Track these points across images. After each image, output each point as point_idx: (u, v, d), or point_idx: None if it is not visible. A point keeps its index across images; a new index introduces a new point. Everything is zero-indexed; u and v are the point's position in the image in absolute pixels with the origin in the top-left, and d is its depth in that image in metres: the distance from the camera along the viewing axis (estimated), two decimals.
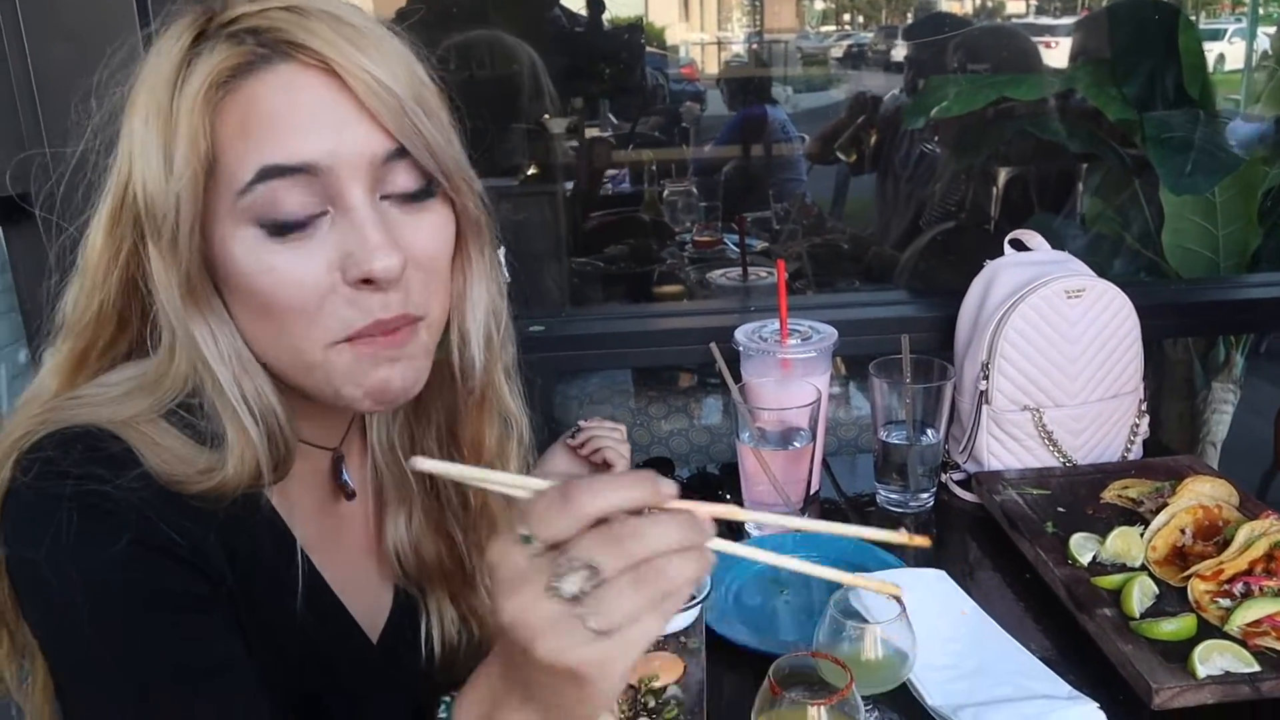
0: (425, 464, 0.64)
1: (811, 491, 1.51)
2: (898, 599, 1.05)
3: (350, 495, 0.99)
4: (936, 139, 2.93)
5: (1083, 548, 1.29)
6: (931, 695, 1.09)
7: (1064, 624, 1.23)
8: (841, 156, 3.46)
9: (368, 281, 0.77)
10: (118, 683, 0.75)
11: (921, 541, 0.70)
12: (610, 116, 4.14)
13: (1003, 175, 2.87)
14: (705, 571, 0.61)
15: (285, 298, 0.77)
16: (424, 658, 1.05)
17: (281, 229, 0.76)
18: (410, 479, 1.00)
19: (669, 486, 0.61)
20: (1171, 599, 1.20)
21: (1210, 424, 2.41)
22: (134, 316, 0.83)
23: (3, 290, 2.02)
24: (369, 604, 1.01)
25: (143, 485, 0.76)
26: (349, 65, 0.76)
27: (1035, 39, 3.10)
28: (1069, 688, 1.11)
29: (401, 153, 0.79)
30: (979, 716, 1.05)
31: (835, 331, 1.55)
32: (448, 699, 0.73)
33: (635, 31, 4.19)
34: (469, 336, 0.90)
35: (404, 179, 0.80)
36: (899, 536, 0.68)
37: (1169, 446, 2.00)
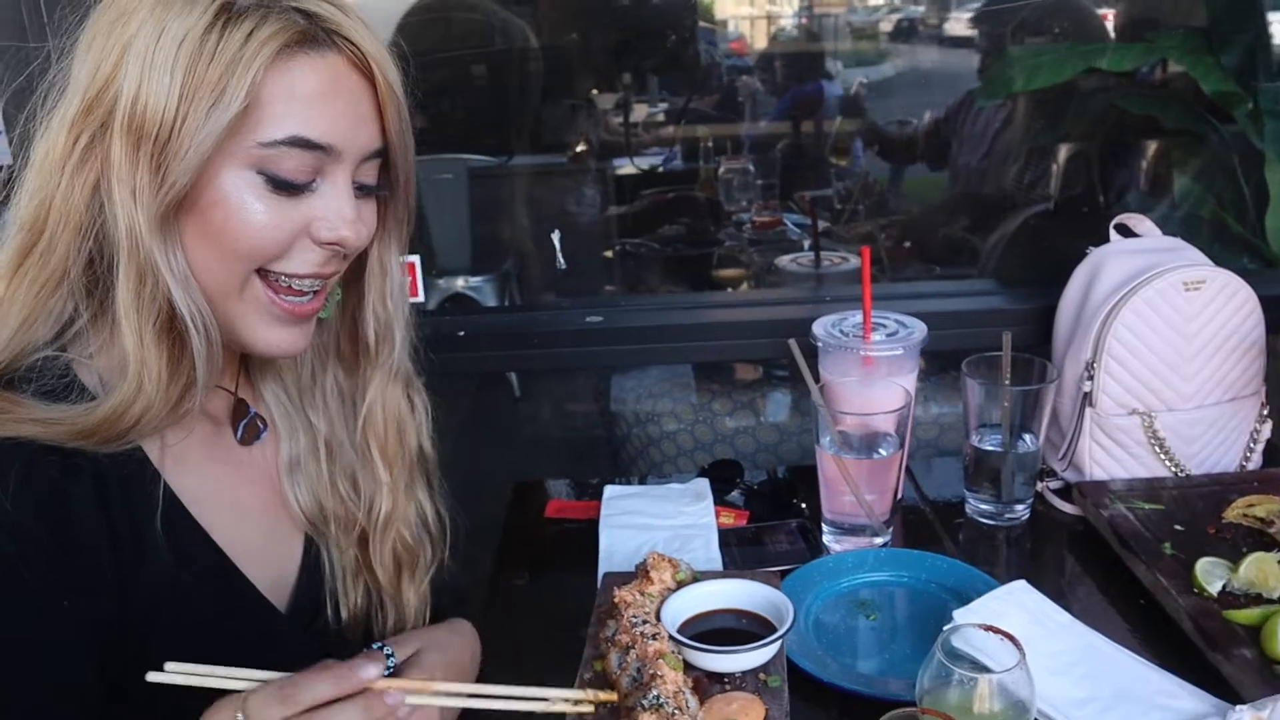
0: (157, 677, 0.80)
1: (895, 499, 1.38)
2: (1016, 644, 0.92)
3: (256, 435, 1.03)
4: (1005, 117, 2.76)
5: (1210, 575, 1.15)
6: None
7: (1191, 659, 1.09)
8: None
9: (331, 244, 0.90)
10: None
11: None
12: (660, 92, 4.01)
13: (1064, 153, 2.69)
14: None
15: (258, 237, 0.87)
16: (330, 619, 1.07)
17: (281, 185, 0.86)
18: (299, 423, 1.06)
19: (369, 671, 0.80)
20: None
21: None
22: (70, 233, 0.84)
23: None
24: (276, 561, 1.02)
25: (18, 489, 0.79)
26: (382, 72, 0.90)
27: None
28: (1214, 699, 1.01)
29: (381, 153, 0.93)
30: None
31: (924, 327, 1.41)
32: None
33: (687, 7, 4.04)
34: (394, 318, 1.04)
35: (371, 174, 0.94)
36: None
37: (1276, 444, 1.83)
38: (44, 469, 0.81)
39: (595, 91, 3.71)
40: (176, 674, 0.80)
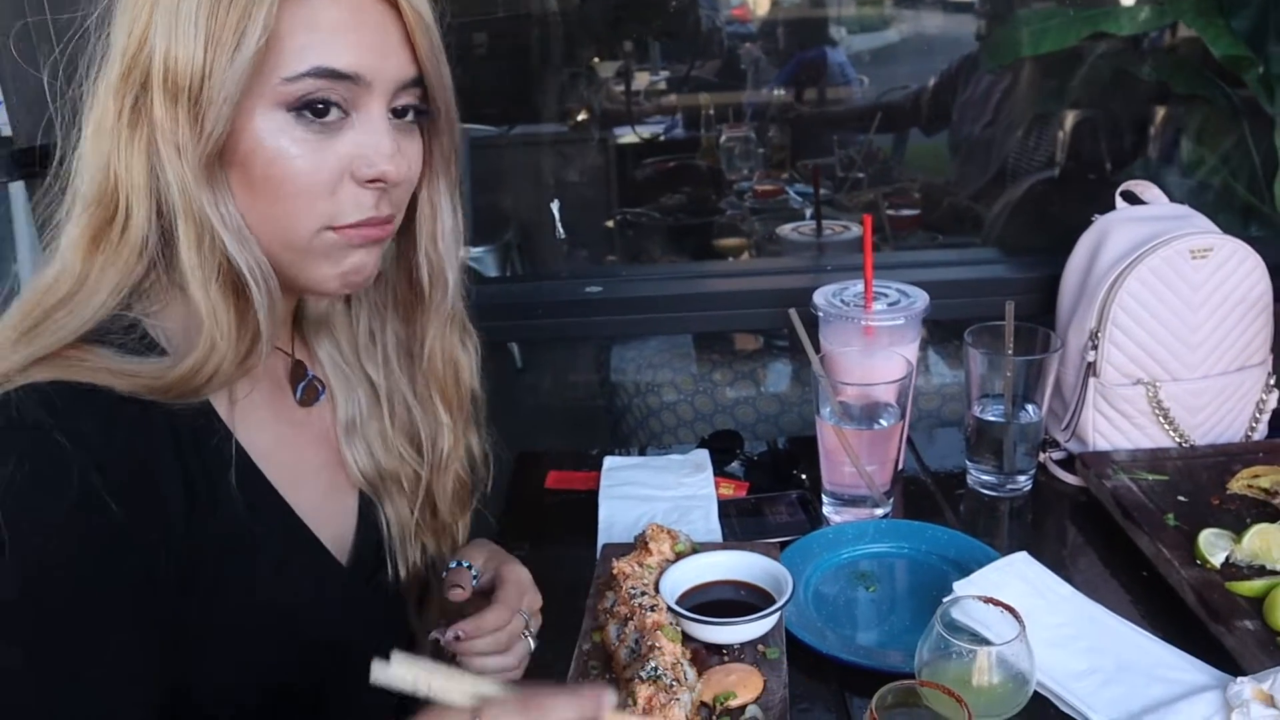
0: (383, 674, 0.73)
1: (896, 470, 1.37)
2: (1016, 616, 0.91)
3: (315, 397, 1.02)
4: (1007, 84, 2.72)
5: (1214, 546, 1.14)
6: (1095, 710, 0.97)
7: (1193, 632, 1.08)
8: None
9: (374, 181, 0.86)
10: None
11: None
12: (661, 61, 3.97)
13: (1070, 119, 2.66)
14: None
15: (300, 181, 0.84)
16: (390, 576, 1.07)
17: (312, 120, 0.83)
18: (356, 381, 1.04)
19: (609, 699, 0.73)
20: None
21: None
22: (141, 198, 0.83)
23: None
24: (335, 519, 1.02)
25: (99, 437, 0.78)
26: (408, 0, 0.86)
27: None
28: (1216, 671, 1.01)
29: (418, 81, 0.89)
30: None
31: (926, 296, 1.39)
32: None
33: None
34: (445, 260, 1.01)
35: (411, 98, 0.90)
36: None
37: None
38: (123, 417, 0.80)
39: (596, 59, 3.67)
40: (402, 669, 0.74)
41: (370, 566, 1.05)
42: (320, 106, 0.83)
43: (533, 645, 1.05)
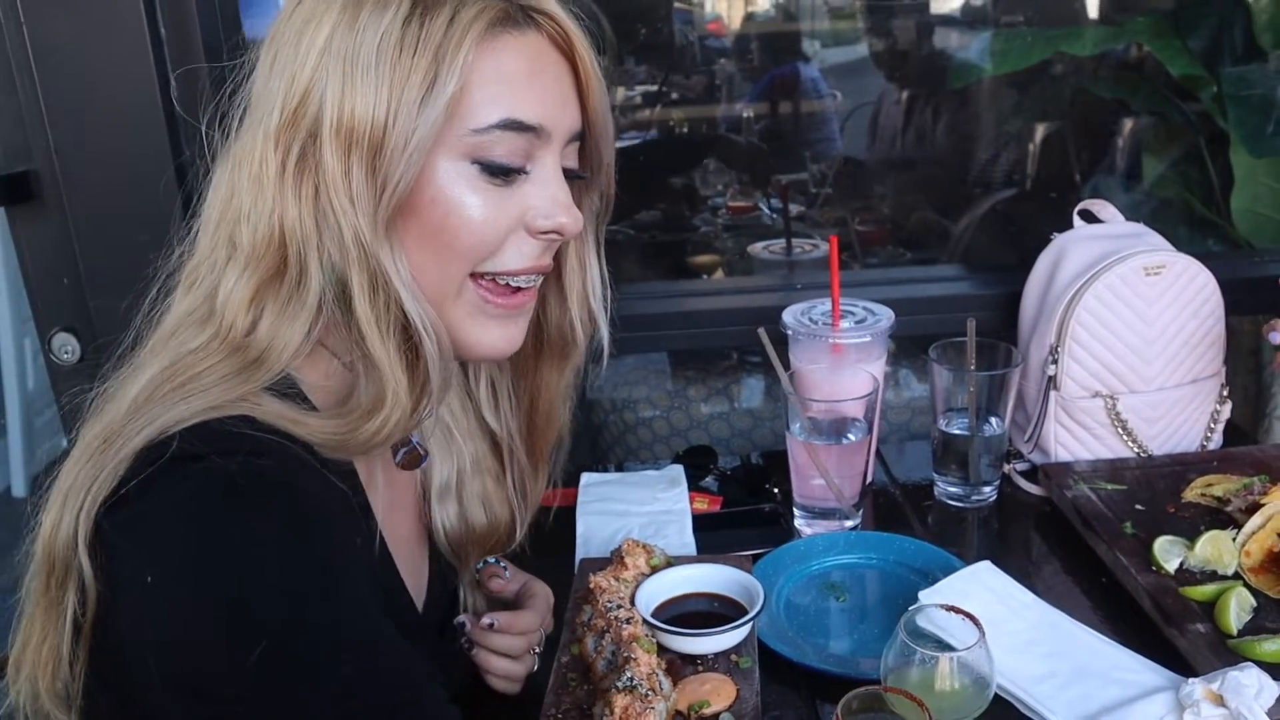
0: None
1: (865, 483, 1.40)
2: (976, 623, 0.95)
3: (418, 462, 1.01)
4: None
5: (1168, 553, 1.19)
6: (1054, 712, 1.01)
7: (1149, 635, 1.13)
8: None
9: (548, 233, 0.87)
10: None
11: None
12: (639, 68, 4.00)
13: (1040, 134, 2.72)
14: None
15: (477, 233, 0.84)
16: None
17: (496, 172, 0.84)
18: (468, 437, 1.05)
19: None
20: (1271, 613, 1.10)
21: (1278, 399, 2.28)
22: (314, 251, 0.81)
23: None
24: (415, 574, 1.03)
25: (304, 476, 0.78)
26: (581, 50, 0.88)
27: None
28: (1169, 672, 1.04)
29: (581, 135, 0.90)
30: None
31: (891, 313, 1.44)
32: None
33: None
34: (599, 316, 1.02)
35: (573, 157, 0.92)
36: None
37: (1234, 422, 1.88)
38: (311, 463, 0.79)
39: None
40: None
41: (438, 625, 1.06)
42: (504, 161, 0.83)
43: (535, 665, 1.08)
